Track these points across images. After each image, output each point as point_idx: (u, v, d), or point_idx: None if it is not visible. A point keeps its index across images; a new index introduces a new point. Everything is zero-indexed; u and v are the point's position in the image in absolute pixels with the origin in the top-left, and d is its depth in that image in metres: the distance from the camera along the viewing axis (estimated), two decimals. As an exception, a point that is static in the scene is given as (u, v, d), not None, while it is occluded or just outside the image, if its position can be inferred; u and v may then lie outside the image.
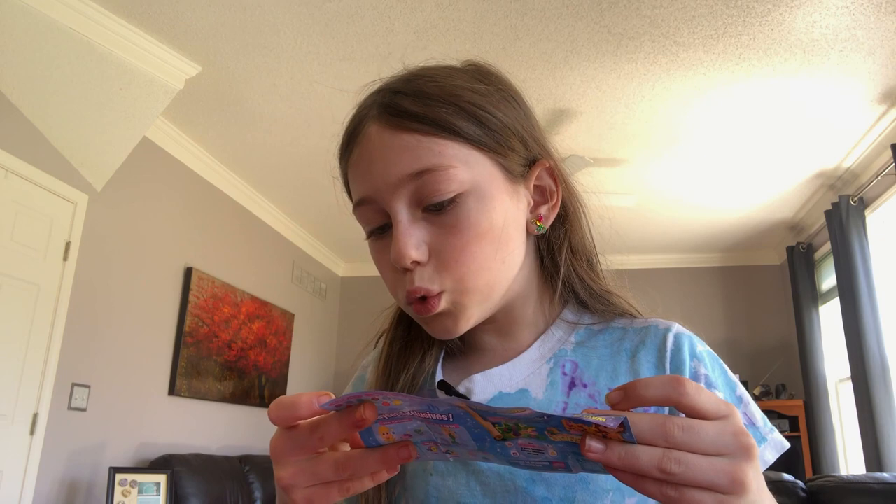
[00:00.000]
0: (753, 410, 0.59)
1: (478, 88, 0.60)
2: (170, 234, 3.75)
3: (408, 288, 0.55)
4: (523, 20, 2.65)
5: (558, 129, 3.53)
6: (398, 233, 0.54)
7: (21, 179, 2.82)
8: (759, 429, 0.58)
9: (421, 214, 0.55)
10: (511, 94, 0.65)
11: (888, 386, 3.59)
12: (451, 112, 0.57)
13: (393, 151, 0.55)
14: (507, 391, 0.59)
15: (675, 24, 2.65)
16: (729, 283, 5.57)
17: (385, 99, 0.58)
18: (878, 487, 2.46)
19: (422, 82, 0.59)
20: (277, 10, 2.61)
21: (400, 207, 0.55)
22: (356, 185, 0.58)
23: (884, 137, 3.50)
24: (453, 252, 0.55)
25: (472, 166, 0.56)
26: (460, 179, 0.55)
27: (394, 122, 0.56)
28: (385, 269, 0.58)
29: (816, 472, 4.45)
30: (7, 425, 2.71)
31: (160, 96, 3.01)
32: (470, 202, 0.55)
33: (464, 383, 0.60)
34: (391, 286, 0.59)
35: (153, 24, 2.73)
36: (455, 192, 0.55)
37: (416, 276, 0.55)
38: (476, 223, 0.55)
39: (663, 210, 4.62)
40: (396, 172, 0.55)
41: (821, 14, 2.56)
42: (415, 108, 0.56)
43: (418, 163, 0.54)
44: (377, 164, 0.56)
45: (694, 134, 3.56)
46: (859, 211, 3.84)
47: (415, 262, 0.54)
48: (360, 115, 0.60)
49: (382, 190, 0.55)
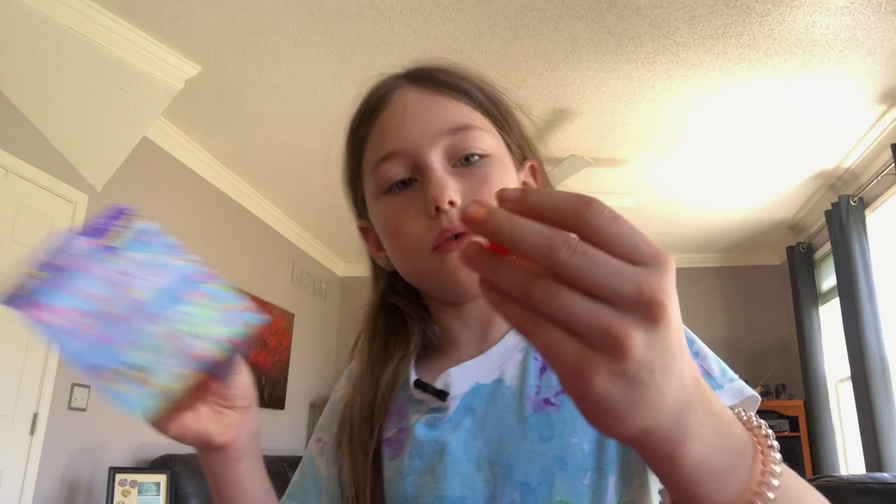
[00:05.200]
0: (711, 363, 0.57)
1: (487, 80, 0.66)
2: (170, 234, 3.75)
3: (446, 226, 0.56)
4: (523, 20, 2.65)
5: (558, 129, 3.53)
6: (435, 176, 0.57)
7: (21, 179, 2.82)
8: (715, 378, 0.55)
9: (451, 169, 0.59)
10: (512, 101, 0.70)
11: (888, 386, 3.59)
12: (473, 89, 0.63)
13: (431, 110, 0.60)
14: (483, 382, 0.60)
15: (675, 24, 2.65)
16: (729, 283, 5.57)
17: (415, 73, 0.64)
18: (878, 487, 2.46)
19: (443, 65, 0.65)
20: (277, 10, 2.61)
21: (435, 157, 0.59)
22: (386, 140, 0.61)
23: (884, 137, 3.50)
24: (487, 198, 0.57)
25: (494, 138, 0.62)
26: (488, 143, 0.61)
27: (430, 86, 0.62)
28: (409, 221, 0.59)
29: (816, 472, 4.45)
30: (7, 425, 2.71)
31: (160, 96, 3.01)
32: (495, 164, 0.60)
33: (441, 378, 0.61)
34: (415, 238, 0.58)
35: (153, 24, 2.73)
36: (485, 152, 0.60)
37: (455, 215, 0.57)
38: (500, 181, 0.59)
39: (663, 210, 4.62)
40: (435, 127, 0.59)
41: (821, 14, 2.56)
42: (446, 79, 0.62)
43: (454, 120, 0.60)
44: (414, 120, 0.60)
45: (694, 134, 3.56)
46: (859, 211, 3.84)
47: (451, 202, 0.56)
48: (387, 85, 0.64)
49: (419, 141, 0.59)
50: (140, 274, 0.44)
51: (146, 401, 0.41)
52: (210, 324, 0.43)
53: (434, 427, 0.59)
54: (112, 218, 0.47)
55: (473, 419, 0.58)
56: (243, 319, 0.44)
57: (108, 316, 0.42)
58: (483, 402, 0.59)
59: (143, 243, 0.47)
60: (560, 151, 3.69)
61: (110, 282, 0.43)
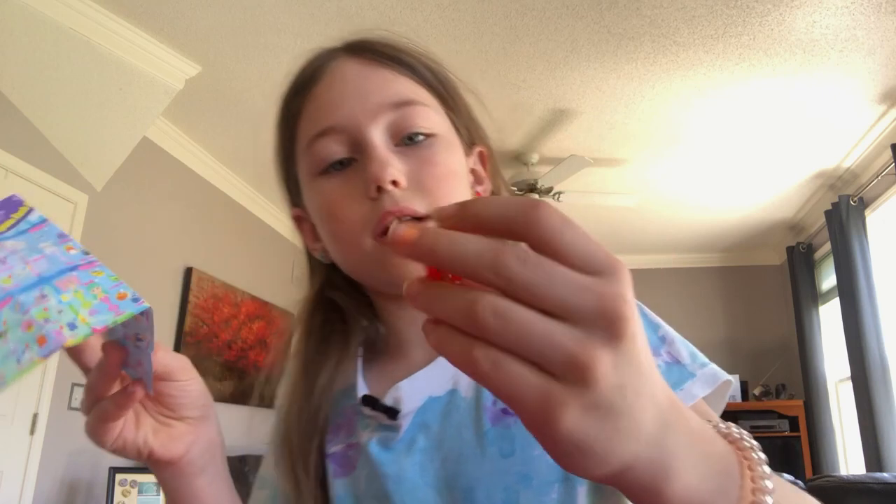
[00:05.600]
0: (679, 348, 0.53)
1: (433, 56, 0.61)
2: (170, 234, 3.75)
3: (388, 208, 0.50)
4: (523, 20, 2.65)
5: (558, 129, 3.53)
6: (376, 154, 0.52)
7: (21, 179, 2.82)
8: (686, 366, 0.52)
9: (394, 147, 0.54)
10: (455, 79, 0.64)
11: (888, 386, 3.59)
12: (418, 64, 0.58)
13: (373, 81, 0.55)
14: (437, 394, 0.55)
15: (675, 24, 2.65)
16: (729, 283, 5.57)
17: (355, 44, 0.58)
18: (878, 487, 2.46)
19: (386, 37, 0.59)
20: (277, 10, 2.61)
21: (376, 133, 0.53)
22: (321, 114, 0.55)
23: (884, 137, 3.50)
24: (435, 180, 0.52)
25: (441, 117, 0.57)
26: (434, 121, 0.55)
27: (371, 58, 0.56)
28: (347, 204, 0.53)
29: (816, 472, 4.44)
30: (7, 425, 2.71)
31: (160, 96, 3.01)
32: (442, 143, 0.55)
33: (390, 393, 0.55)
34: (354, 223, 0.52)
35: (153, 24, 2.73)
36: (431, 131, 0.54)
37: (398, 196, 0.51)
38: (449, 162, 0.55)
39: (663, 210, 4.62)
40: (377, 100, 0.54)
41: (821, 14, 2.56)
42: (390, 51, 0.57)
43: (399, 94, 0.54)
44: (354, 92, 0.54)
45: (694, 134, 3.56)
46: (859, 211, 3.84)
47: (394, 181, 0.51)
48: (323, 57, 0.58)
49: (359, 116, 0.53)
50: (11, 262, 0.42)
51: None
52: (75, 311, 0.40)
53: (388, 448, 0.54)
54: (3, 209, 0.46)
55: (428, 437, 0.54)
56: (117, 307, 0.41)
57: None
58: (437, 417, 0.54)
59: (27, 233, 0.45)
60: (560, 151, 3.70)
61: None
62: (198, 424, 0.53)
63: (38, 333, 0.39)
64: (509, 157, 3.83)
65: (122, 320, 0.41)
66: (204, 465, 0.53)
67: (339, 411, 0.59)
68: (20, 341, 0.39)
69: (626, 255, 5.57)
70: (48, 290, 0.41)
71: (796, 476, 2.67)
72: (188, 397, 0.52)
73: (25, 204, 0.47)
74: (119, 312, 0.41)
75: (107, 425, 0.48)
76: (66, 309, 0.40)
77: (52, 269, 0.43)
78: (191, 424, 0.52)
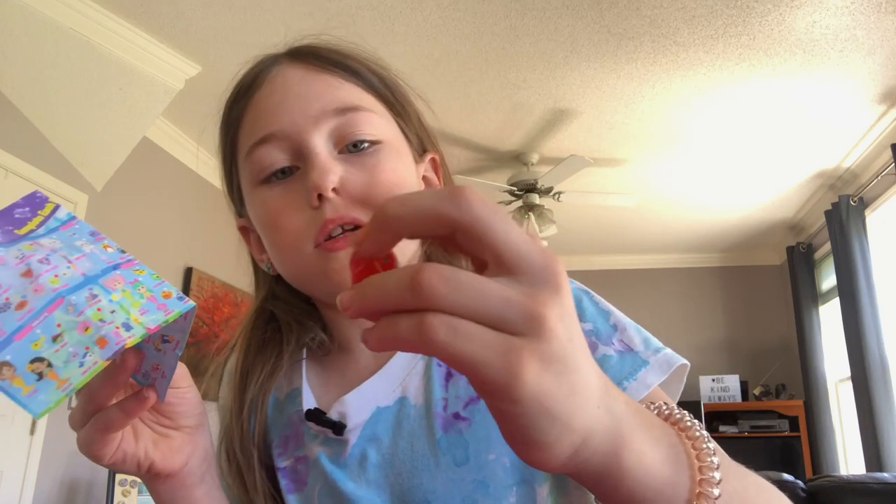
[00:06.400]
0: (632, 335, 0.52)
1: (380, 62, 0.59)
2: (170, 234, 3.75)
3: (329, 216, 0.49)
4: (523, 20, 2.65)
5: (558, 129, 3.53)
6: (318, 161, 0.50)
7: (21, 179, 2.82)
8: (639, 353, 0.51)
9: (337, 154, 0.52)
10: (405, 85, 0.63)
11: (888, 386, 3.59)
12: (364, 69, 0.56)
13: (315, 87, 0.53)
14: (385, 404, 0.53)
15: (675, 24, 2.65)
16: (729, 283, 5.57)
17: (299, 50, 0.57)
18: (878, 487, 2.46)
19: (331, 42, 0.58)
20: (277, 10, 2.61)
21: (319, 140, 0.51)
22: (262, 121, 0.54)
23: (884, 137, 3.50)
24: (378, 189, 0.51)
25: (388, 123, 0.55)
26: (381, 128, 0.54)
27: (315, 64, 0.54)
28: (289, 213, 0.51)
29: (816, 472, 4.45)
30: (7, 425, 2.71)
31: (160, 96, 3.01)
32: (388, 151, 0.53)
33: (335, 407, 0.54)
34: (295, 232, 0.51)
35: (153, 24, 2.73)
36: (376, 138, 0.53)
37: (339, 205, 0.50)
38: (394, 170, 0.53)
39: (663, 210, 4.62)
40: (319, 106, 0.52)
41: (821, 14, 2.56)
42: (334, 57, 0.56)
43: (342, 100, 0.53)
44: (296, 98, 0.53)
45: (694, 134, 3.56)
46: (859, 211, 3.84)
47: (336, 189, 0.50)
48: (265, 63, 0.57)
49: (300, 122, 0.52)
50: (54, 262, 0.41)
51: (44, 395, 0.36)
52: (126, 310, 0.40)
53: (338, 464, 0.53)
54: (25, 206, 0.45)
55: (379, 451, 0.52)
56: (164, 306, 0.41)
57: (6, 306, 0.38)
58: (388, 428, 0.53)
59: (59, 231, 0.44)
60: (560, 151, 3.70)
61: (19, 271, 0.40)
62: (194, 433, 0.51)
63: (96, 335, 0.38)
64: (509, 157, 3.83)
65: (172, 319, 0.40)
66: (202, 475, 0.52)
67: (285, 421, 0.58)
68: (79, 344, 0.37)
69: (626, 255, 5.57)
70: (97, 289, 0.40)
71: (796, 476, 2.67)
72: (187, 405, 0.50)
73: (51, 200, 0.46)
74: (168, 311, 0.40)
75: (107, 437, 0.45)
76: (118, 309, 0.39)
77: (96, 267, 0.42)
78: (188, 434, 0.51)
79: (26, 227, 0.44)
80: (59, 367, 0.37)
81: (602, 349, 0.51)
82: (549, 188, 3.75)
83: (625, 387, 0.49)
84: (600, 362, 0.50)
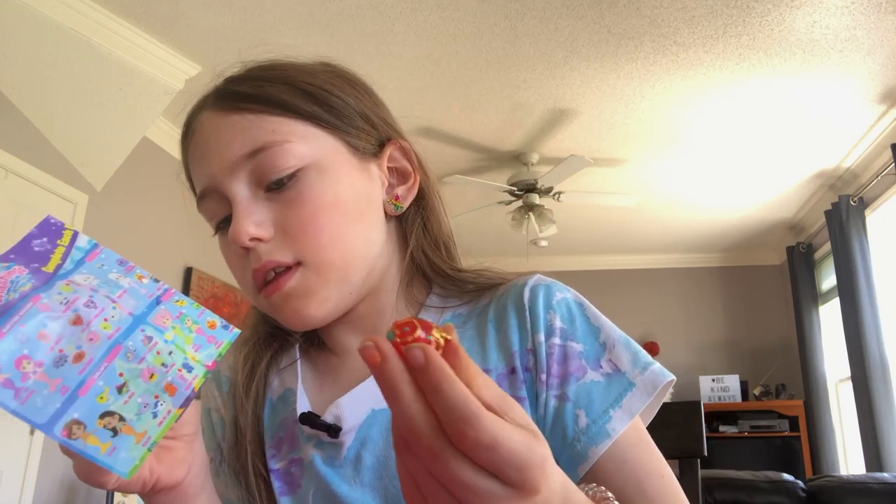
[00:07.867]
0: (620, 353, 0.54)
1: (316, 73, 0.59)
2: (170, 234, 3.75)
3: (254, 266, 0.52)
4: (523, 20, 2.65)
5: (558, 129, 3.53)
6: (236, 212, 0.53)
7: (21, 179, 2.82)
8: (626, 373, 0.53)
9: (263, 195, 0.54)
10: (356, 82, 0.63)
11: (888, 386, 3.59)
12: (285, 91, 0.56)
13: (226, 134, 0.55)
14: (381, 406, 0.54)
15: (675, 24, 2.65)
16: (729, 283, 5.57)
17: (220, 87, 0.59)
18: (878, 487, 2.46)
19: (259, 70, 0.60)
20: (277, 10, 2.61)
21: (238, 189, 0.54)
22: (196, 177, 0.57)
23: (884, 137, 3.50)
24: (300, 223, 0.53)
25: (311, 142, 0.55)
26: (299, 154, 0.54)
27: (226, 106, 0.56)
28: (235, 262, 0.55)
29: (816, 472, 4.45)
30: (7, 425, 2.71)
31: (160, 96, 3.01)
32: (311, 175, 0.54)
33: (331, 410, 0.54)
34: (240, 278, 0.55)
35: (153, 24, 2.73)
36: (294, 167, 0.53)
37: (263, 251, 0.52)
38: (320, 195, 0.54)
39: (663, 210, 4.62)
40: (230, 155, 0.54)
41: (821, 14, 2.56)
42: (247, 90, 0.56)
43: (251, 142, 0.54)
44: (212, 150, 0.55)
45: (694, 134, 3.56)
46: (859, 211, 3.84)
47: (254, 238, 0.52)
48: (197, 106, 0.60)
49: (219, 175, 0.54)
50: (100, 304, 0.38)
51: (125, 452, 0.34)
52: (181, 349, 0.38)
53: (333, 467, 0.53)
54: (42, 236, 0.42)
55: (374, 454, 0.53)
56: (213, 338, 0.40)
57: (63, 359, 0.36)
58: (383, 431, 0.53)
59: (86, 263, 0.42)
60: (560, 151, 3.69)
61: (65, 317, 0.37)
62: (192, 441, 0.50)
63: (163, 381, 0.37)
64: (509, 157, 3.83)
65: (224, 352, 0.39)
66: (202, 483, 0.51)
67: (279, 422, 0.58)
68: (147, 393, 0.36)
69: (626, 255, 5.57)
70: (150, 330, 0.38)
71: (796, 476, 2.67)
72: (186, 414, 0.50)
73: (67, 227, 0.44)
74: (219, 343, 0.39)
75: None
76: (174, 349, 0.38)
77: (140, 304, 0.40)
78: (187, 443, 0.50)
79: (52, 262, 0.41)
80: (133, 421, 0.35)
81: (590, 374, 0.53)
82: (549, 188, 3.75)
83: (610, 416, 0.51)
84: (588, 388, 0.53)
